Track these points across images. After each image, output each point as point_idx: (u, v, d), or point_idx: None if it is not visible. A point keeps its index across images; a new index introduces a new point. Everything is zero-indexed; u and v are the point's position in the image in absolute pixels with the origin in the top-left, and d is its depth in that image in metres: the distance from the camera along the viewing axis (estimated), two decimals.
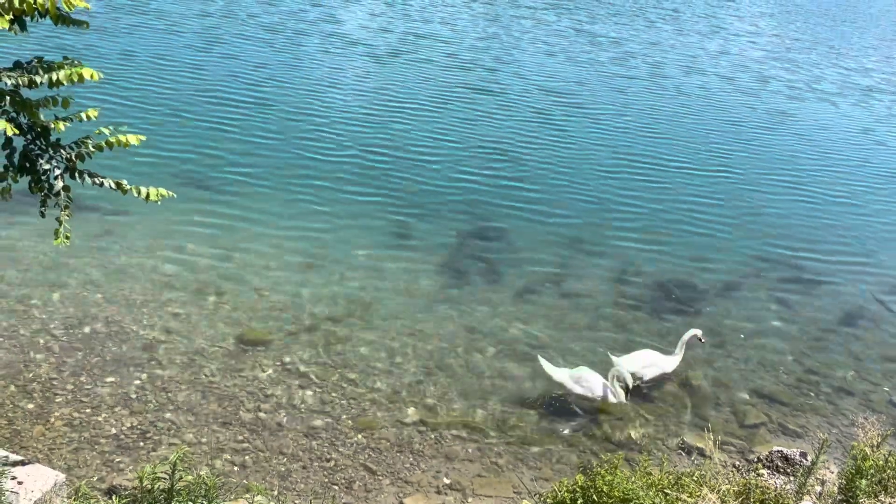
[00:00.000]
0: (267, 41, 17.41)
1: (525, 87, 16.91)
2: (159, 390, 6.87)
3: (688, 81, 19.40)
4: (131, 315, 7.81)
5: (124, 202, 9.55)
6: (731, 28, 28.20)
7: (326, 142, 12.52)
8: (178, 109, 12.79)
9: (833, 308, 9.90)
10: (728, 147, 15.06)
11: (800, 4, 37.68)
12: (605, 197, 12.11)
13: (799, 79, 21.49)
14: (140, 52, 15.27)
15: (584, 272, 9.86)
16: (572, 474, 6.32)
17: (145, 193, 4.93)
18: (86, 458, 6.00)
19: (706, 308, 9.42)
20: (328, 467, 6.32)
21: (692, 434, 7.24)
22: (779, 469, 6.59)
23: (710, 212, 12.06)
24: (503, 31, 22.07)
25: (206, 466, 6.06)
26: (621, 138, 14.74)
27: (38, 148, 4.64)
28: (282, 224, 9.96)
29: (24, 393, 6.58)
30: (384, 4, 22.92)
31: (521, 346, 8.23)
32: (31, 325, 7.46)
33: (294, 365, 7.46)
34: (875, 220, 12.76)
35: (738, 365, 8.47)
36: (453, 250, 9.95)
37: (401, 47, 18.52)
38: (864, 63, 25.27)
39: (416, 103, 14.77)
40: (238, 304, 8.23)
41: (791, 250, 11.26)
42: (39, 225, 8.33)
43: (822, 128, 17.41)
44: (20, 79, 4.24)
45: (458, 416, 7.11)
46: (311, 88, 14.85)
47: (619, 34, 23.76)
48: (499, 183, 11.98)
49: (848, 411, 7.95)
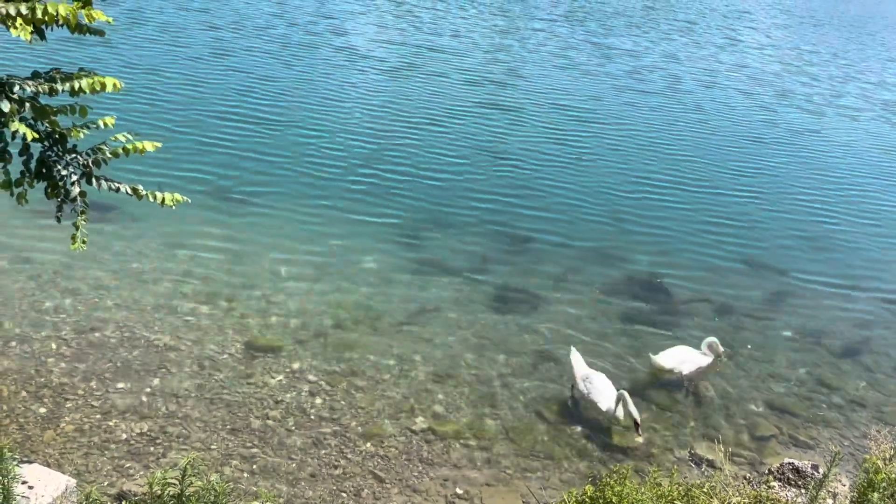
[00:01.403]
0: (275, 53, 17.40)
1: (538, 101, 16.77)
2: (169, 396, 6.90)
3: (704, 96, 19.17)
4: (142, 321, 7.85)
5: (136, 208, 9.65)
6: (747, 40, 27.87)
7: (336, 152, 12.56)
8: (189, 120, 12.87)
9: (845, 320, 9.84)
10: (746, 164, 14.77)
11: (815, 16, 37.41)
12: (619, 209, 12.04)
13: (818, 93, 21.13)
14: (145, 64, 15.36)
15: (595, 283, 9.84)
16: (581, 484, 6.30)
17: (160, 198, 4.98)
18: (96, 464, 6.03)
19: (718, 319, 9.37)
20: (336, 475, 6.32)
21: (702, 445, 7.20)
22: (790, 482, 6.54)
23: (724, 226, 11.96)
24: (516, 43, 21.96)
25: (216, 473, 6.07)
26: (636, 154, 14.47)
27: (55, 154, 4.69)
28: (291, 232, 10.01)
29: (36, 398, 6.62)
30: (393, 17, 22.85)
31: (529, 356, 8.21)
32: (43, 330, 7.51)
33: (303, 372, 7.48)
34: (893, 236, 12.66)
35: (749, 376, 8.43)
36: (462, 260, 9.96)
37: (411, 60, 18.43)
38: (885, 76, 24.84)
39: (427, 117, 14.66)
40: (248, 311, 8.27)
41: (804, 262, 11.22)
42: (52, 230, 8.40)
43: (842, 144, 17.06)
44: (40, 87, 4.29)
45: (467, 424, 7.10)
46: (321, 100, 14.88)
47: (634, 47, 23.56)
48: (509, 194, 11.97)
49: (860, 424, 7.88)
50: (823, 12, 39.19)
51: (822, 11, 39.43)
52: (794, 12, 37.41)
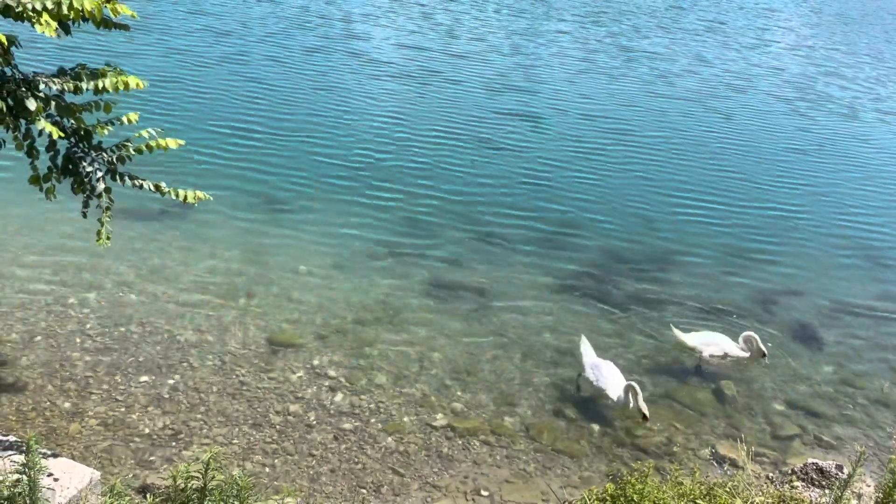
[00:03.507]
0: (290, 58, 17.07)
1: (560, 108, 16.20)
2: (191, 391, 6.96)
3: (735, 101, 18.36)
4: (165, 316, 7.93)
5: (159, 206, 9.78)
6: (778, 40, 26.98)
7: (357, 152, 12.53)
8: (207, 122, 12.92)
9: (869, 319, 9.69)
10: (781, 172, 14.20)
11: (847, 13, 36.40)
12: (647, 215, 11.72)
13: (854, 97, 20.26)
14: (163, 67, 15.51)
15: (619, 286, 9.75)
16: (601, 482, 6.27)
17: (183, 196, 5.02)
18: (120, 457, 6.10)
19: (744, 319, 9.24)
20: (357, 470, 6.35)
21: (725, 444, 7.13)
22: (814, 482, 6.46)
23: (751, 231, 11.75)
24: (537, 46, 21.28)
25: (238, 467, 6.12)
26: (664, 164, 13.91)
27: (80, 151, 4.75)
28: (312, 229, 10.05)
29: (61, 391, 6.71)
30: (408, 19, 22.45)
31: (548, 353, 8.19)
32: (67, 324, 7.61)
33: (323, 368, 7.52)
34: None
35: (772, 374, 8.33)
36: (481, 259, 9.94)
37: (430, 66, 17.89)
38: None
39: (446, 125, 14.20)
40: (268, 308, 8.32)
41: (831, 263, 11.07)
42: (77, 227, 8.54)
43: (883, 149, 16.44)
44: (65, 84, 4.34)
45: (487, 421, 7.10)
46: (337, 103, 14.66)
47: (659, 49, 22.79)
48: (530, 197, 11.82)
49: (885, 423, 7.76)
50: (855, 10, 38.22)
51: (853, 9, 38.50)
52: (825, 11, 36.52)
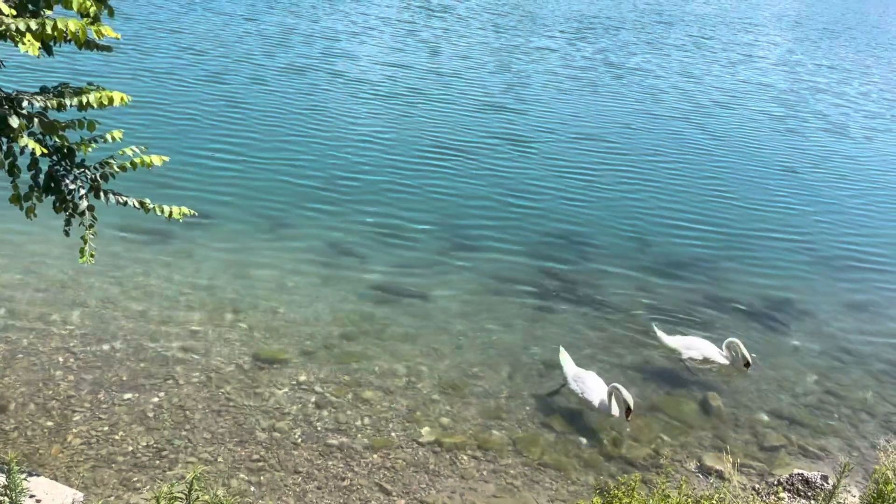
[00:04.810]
0: (272, 79, 16.70)
1: (545, 125, 16.05)
2: (176, 408, 6.90)
3: (721, 118, 18.31)
4: (149, 333, 7.87)
5: (143, 223, 9.69)
6: (765, 56, 26.89)
7: (341, 170, 12.47)
8: (193, 139, 12.93)
9: (854, 328, 9.79)
10: (767, 186, 14.26)
11: (829, 28, 36.61)
12: (633, 230, 11.71)
13: (843, 113, 20.32)
14: (147, 86, 15.49)
15: (605, 300, 9.77)
16: (589, 495, 6.27)
17: (168, 212, 5.00)
18: (103, 477, 6.03)
19: (728, 330, 9.29)
20: (343, 486, 6.31)
21: (711, 455, 7.16)
22: (799, 492, 6.49)
23: (735, 244, 11.88)
24: (522, 64, 20.95)
25: (223, 486, 6.07)
26: (649, 179, 13.84)
27: (63, 168, 4.73)
28: (297, 246, 10.04)
29: (44, 410, 6.63)
30: (392, 38, 22.09)
31: (536, 366, 8.20)
32: (50, 342, 7.53)
33: (310, 384, 7.48)
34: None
35: (757, 385, 8.38)
36: (468, 274, 9.96)
37: (413, 85, 17.60)
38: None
39: (430, 143, 14.10)
40: (254, 323, 8.28)
41: (813, 274, 11.19)
42: (61, 244, 8.47)
43: (867, 165, 16.46)
44: (49, 102, 4.33)
45: (474, 435, 7.08)
46: (322, 122, 14.63)
47: (646, 64, 22.59)
48: (513, 214, 11.85)
49: (869, 434, 7.83)
50: (838, 23, 38.59)
51: (835, 22, 38.89)
52: (807, 25, 36.88)
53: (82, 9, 4.32)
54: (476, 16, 26.97)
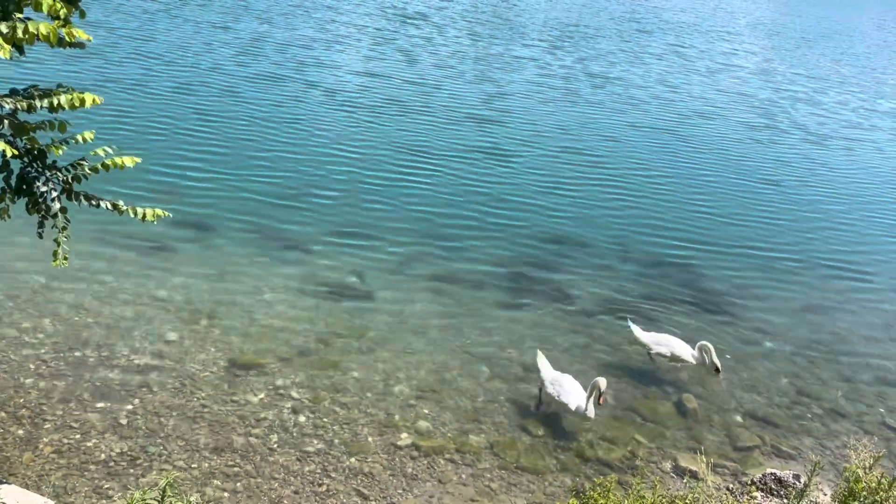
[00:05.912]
0: (244, 89, 16.19)
1: (524, 136, 15.91)
2: (150, 415, 6.82)
3: (701, 128, 18.30)
4: (122, 340, 7.77)
5: (116, 226, 9.58)
6: (743, 65, 26.95)
7: (315, 178, 12.28)
8: (166, 147, 12.78)
9: (826, 330, 9.97)
10: (745, 194, 14.35)
11: (804, 36, 37.06)
12: (615, 241, 11.78)
13: (823, 122, 20.47)
14: (118, 90, 15.32)
15: (584, 306, 9.86)
16: (565, 497, 6.31)
17: (142, 213, 4.96)
18: (75, 485, 5.94)
19: (703, 333, 9.40)
20: (320, 492, 6.27)
21: (685, 456, 7.23)
22: (772, 491, 6.59)
23: (713, 250, 12.03)
24: (500, 73, 20.74)
25: (197, 492, 6.01)
26: (630, 189, 13.78)
27: (34, 170, 4.67)
28: (273, 250, 9.98)
29: (14, 419, 6.52)
30: (367, 46, 21.61)
31: (514, 370, 8.23)
32: (21, 349, 7.41)
33: (286, 389, 7.43)
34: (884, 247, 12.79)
35: (731, 386, 8.49)
36: (446, 279, 9.98)
37: (389, 94, 17.19)
38: (883, 97, 24.46)
39: (406, 152, 13.91)
40: (230, 329, 8.21)
41: (787, 275, 11.37)
42: (32, 248, 8.35)
43: (844, 174, 16.63)
44: (19, 104, 4.28)
45: (452, 439, 7.08)
46: (296, 131, 14.27)
47: (624, 75, 22.50)
48: (493, 222, 11.80)
49: (841, 433, 7.96)
50: (812, 31, 39.16)
51: (809, 30, 39.49)
52: (784, 33, 37.31)
53: (52, 11, 4.28)
54: (453, 24, 26.96)
